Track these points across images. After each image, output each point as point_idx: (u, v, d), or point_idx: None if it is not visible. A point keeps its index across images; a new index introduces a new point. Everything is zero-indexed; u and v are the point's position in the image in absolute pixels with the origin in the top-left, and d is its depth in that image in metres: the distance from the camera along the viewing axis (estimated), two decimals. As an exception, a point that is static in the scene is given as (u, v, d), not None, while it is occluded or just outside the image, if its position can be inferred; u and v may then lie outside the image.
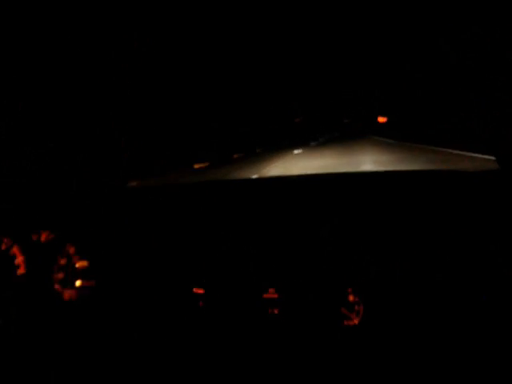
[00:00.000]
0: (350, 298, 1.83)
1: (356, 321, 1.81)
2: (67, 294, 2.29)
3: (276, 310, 1.88)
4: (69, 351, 2.05)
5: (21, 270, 2.34)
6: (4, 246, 2.34)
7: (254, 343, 1.85)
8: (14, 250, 2.35)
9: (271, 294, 1.89)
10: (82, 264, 2.30)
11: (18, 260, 2.34)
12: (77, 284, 2.29)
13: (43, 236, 2.36)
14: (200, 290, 2.00)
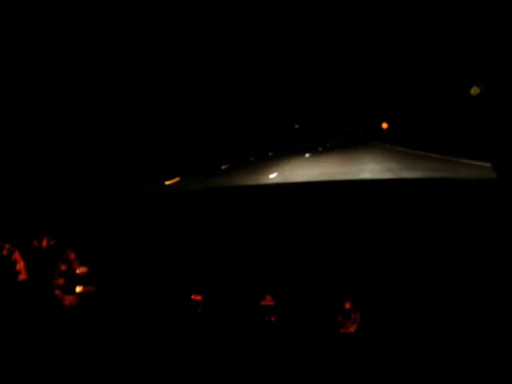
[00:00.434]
0: (347, 305, 1.84)
1: (352, 329, 1.81)
2: (68, 299, 2.31)
3: (273, 317, 1.89)
4: (69, 356, 2.06)
5: (22, 276, 2.35)
6: (5, 251, 2.36)
7: (251, 349, 1.86)
8: (15, 256, 2.37)
9: (268, 302, 1.90)
10: (82, 270, 2.32)
11: (19, 266, 2.36)
12: (77, 290, 2.31)
13: (44, 242, 2.39)
14: (198, 296, 2.01)
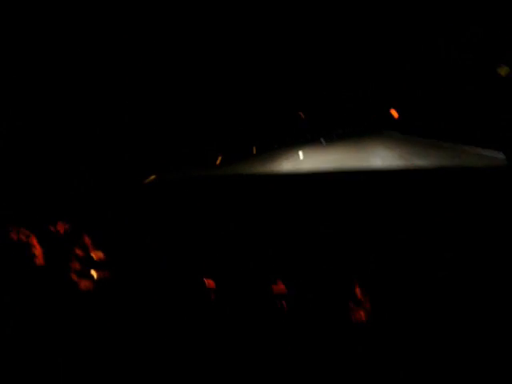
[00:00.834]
0: (358, 293, 1.85)
1: (363, 316, 1.83)
2: (83, 283, 2.35)
3: (284, 302, 1.91)
4: (84, 339, 2.10)
5: (39, 261, 2.40)
6: (23, 237, 2.41)
7: (264, 335, 1.88)
8: (32, 241, 2.41)
9: (280, 288, 1.92)
10: (98, 255, 2.36)
11: (36, 251, 2.41)
12: (93, 274, 2.35)
13: (61, 227, 2.43)
14: (211, 281, 2.04)
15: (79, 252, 2.40)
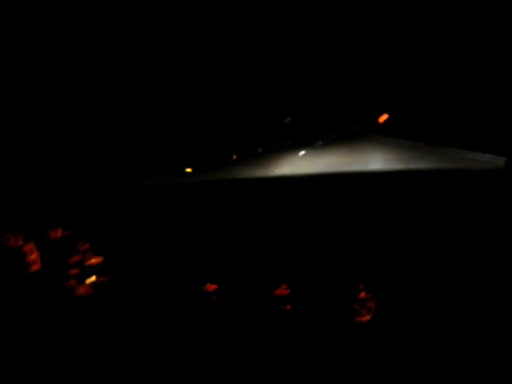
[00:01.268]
0: (362, 294, 1.84)
1: (368, 317, 1.81)
2: (80, 289, 2.33)
3: (288, 305, 1.89)
4: (81, 344, 2.08)
5: (36, 266, 2.37)
6: (20, 242, 2.38)
7: (267, 337, 1.86)
8: (30, 247, 2.39)
9: (283, 290, 1.91)
10: (95, 261, 2.34)
11: (33, 256, 2.38)
12: (90, 280, 2.32)
13: (58, 233, 2.40)
14: (213, 285, 2.02)
15: (76, 257, 2.37)
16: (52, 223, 2.42)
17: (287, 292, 1.92)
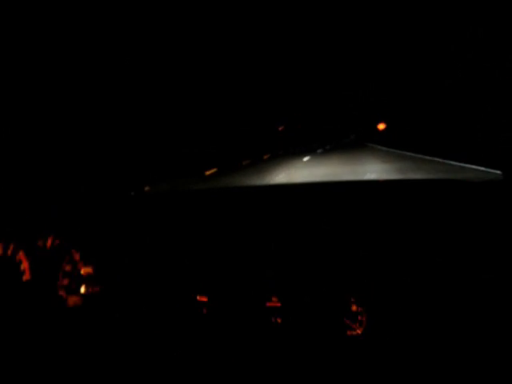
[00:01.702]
0: (354, 308, 1.82)
1: (359, 331, 1.80)
2: (72, 300, 2.30)
3: (279, 318, 1.87)
4: (72, 357, 2.05)
5: (26, 276, 2.35)
6: (10, 252, 2.36)
7: (257, 351, 1.84)
8: (20, 256, 2.36)
9: (274, 303, 1.89)
10: (87, 270, 2.31)
11: (24, 266, 2.36)
12: (81, 290, 2.30)
13: (49, 242, 2.38)
14: (204, 297, 2.00)
15: (67, 267, 2.35)
16: (43, 231, 2.40)
17: (279, 305, 1.90)
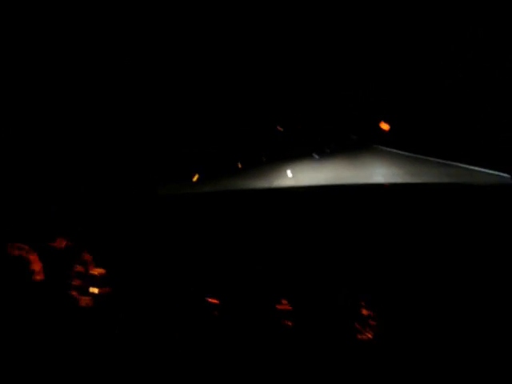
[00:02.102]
0: (364, 312, 1.83)
1: (370, 335, 1.81)
2: (83, 300, 2.33)
3: (289, 321, 1.89)
4: (82, 355, 2.08)
5: (39, 277, 2.38)
6: (23, 253, 2.39)
7: (267, 353, 1.86)
8: (33, 257, 2.39)
9: (285, 306, 1.90)
10: (98, 271, 2.34)
11: (37, 267, 2.39)
12: (93, 291, 2.33)
13: (61, 243, 2.41)
14: (214, 299, 2.02)
15: (79, 268, 2.38)
16: (56, 233, 2.43)
17: (289, 308, 1.91)
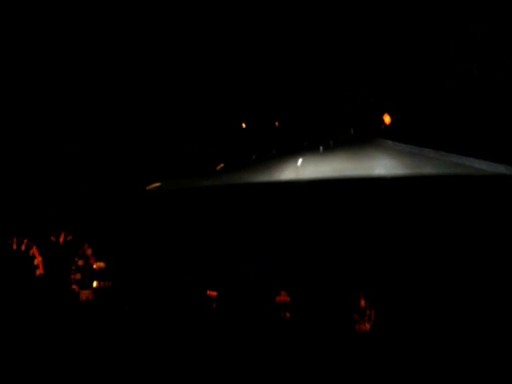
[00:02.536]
0: (362, 303, 1.83)
1: (368, 326, 1.81)
2: (84, 294, 2.34)
3: (288, 313, 1.89)
4: (83, 351, 2.09)
5: (39, 271, 2.39)
6: (23, 246, 2.40)
7: (266, 345, 1.87)
8: (33, 251, 2.40)
9: (283, 298, 1.90)
10: (99, 265, 2.35)
11: (37, 261, 2.40)
12: (94, 285, 2.34)
13: (61, 237, 2.42)
14: (213, 292, 2.03)
15: (80, 262, 2.39)
16: (55, 227, 2.44)
17: (288, 299, 1.91)
